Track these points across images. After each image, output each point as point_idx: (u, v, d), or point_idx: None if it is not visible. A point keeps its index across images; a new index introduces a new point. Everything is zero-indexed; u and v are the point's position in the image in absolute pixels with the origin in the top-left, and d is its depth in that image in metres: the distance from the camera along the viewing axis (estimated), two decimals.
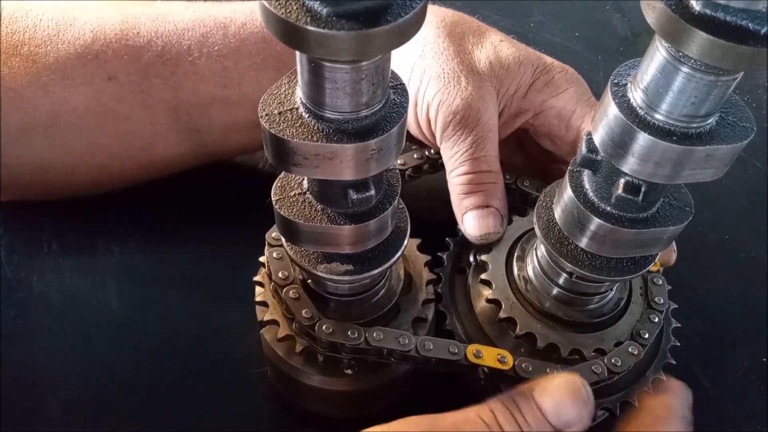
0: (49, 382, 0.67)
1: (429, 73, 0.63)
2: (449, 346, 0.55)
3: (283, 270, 0.57)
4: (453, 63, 0.63)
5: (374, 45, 0.33)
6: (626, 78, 0.42)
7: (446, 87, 0.62)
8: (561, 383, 0.44)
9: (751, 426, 0.68)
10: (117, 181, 0.75)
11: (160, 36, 0.66)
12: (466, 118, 0.61)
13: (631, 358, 0.55)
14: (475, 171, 0.61)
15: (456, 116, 0.61)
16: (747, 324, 0.76)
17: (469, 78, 0.63)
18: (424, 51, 0.65)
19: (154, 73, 0.65)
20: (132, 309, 0.73)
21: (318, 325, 0.54)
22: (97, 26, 0.65)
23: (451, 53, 0.64)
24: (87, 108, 0.65)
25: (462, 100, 0.61)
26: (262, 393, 0.68)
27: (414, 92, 0.64)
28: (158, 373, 0.68)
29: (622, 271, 0.51)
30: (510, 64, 0.65)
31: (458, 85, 0.62)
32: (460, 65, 0.63)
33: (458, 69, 0.63)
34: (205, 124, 0.70)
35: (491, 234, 0.60)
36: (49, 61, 0.64)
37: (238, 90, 0.68)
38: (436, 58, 0.64)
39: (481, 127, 0.61)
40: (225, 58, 0.66)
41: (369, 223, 0.47)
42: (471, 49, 0.66)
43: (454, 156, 0.62)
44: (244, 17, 0.68)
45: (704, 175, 0.42)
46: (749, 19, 0.32)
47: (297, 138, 0.40)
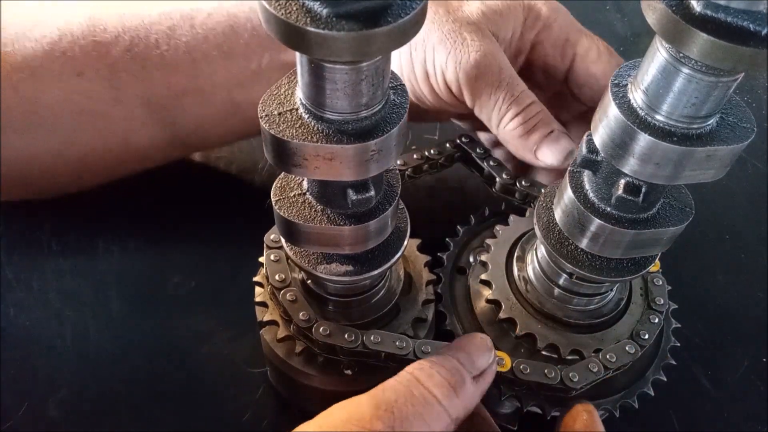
0: (49, 382, 0.67)
1: (430, 41, 0.63)
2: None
3: (280, 273, 0.57)
4: (449, 24, 0.63)
5: (374, 46, 0.33)
6: (626, 79, 0.42)
7: (454, 47, 0.62)
8: (469, 337, 0.50)
9: (751, 426, 0.68)
10: (98, 175, 0.75)
11: (127, 31, 0.66)
12: (487, 68, 0.61)
13: (626, 355, 0.55)
14: (522, 109, 0.61)
15: (477, 71, 0.61)
16: (747, 324, 0.76)
17: (470, 31, 0.62)
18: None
19: (123, 67, 0.65)
20: (132, 309, 0.73)
21: (315, 327, 0.54)
22: (63, 24, 0.65)
23: (442, 15, 0.63)
24: (60, 105, 0.65)
25: (475, 54, 0.61)
26: (262, 393, 0.68)
27: (421, 64, 0.64)
28: (158, 373, 0.68)
29: (622, 271, 0.51)
30: (501, 8, 0.65)
31: (464, 42, 0.62)
32: (456, 23, 0.63)
33: (456, 27, 0.62)
34: (179, 115, 0.70)
35: (570, 152, 0.61)
36: (17, 60, 0.64)
37: (209, 80, 0.68)
38: (430, 25, 0.63)
39: (505, 71, 0.62)
40: (193, 49, 0.66)
41: (369, 223, 0.47)
42: (459, 6, 0.65)
43: (496, 106, 0.62)
44: (210, 8, 0.68)
45: (705, 176, 0.42)
46: (750, 20, 0.32)
47: (297, 139, 0.40)
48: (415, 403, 0.43)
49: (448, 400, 0.44)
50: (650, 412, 0.66)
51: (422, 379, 0.45)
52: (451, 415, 0.44)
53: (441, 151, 0.70)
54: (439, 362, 0.47)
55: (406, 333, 0.57)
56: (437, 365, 0.46)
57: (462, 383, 0.46)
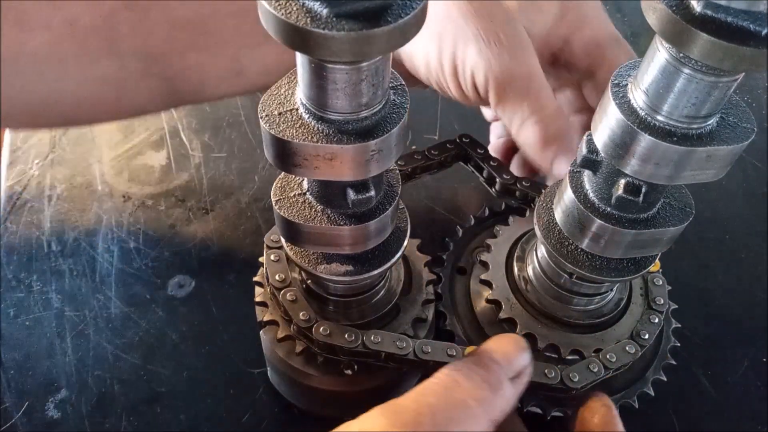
0: (49, 382, 0.67)
1: (463, 36, 0.60)
2: (447, 349, 0.54)
3: (280, 273, 0.57)
4: (485, 20, 0.60)
5: (374, 46, 0.33)
6: (627, 79, 0.42)
7: (488, 48, 0.59)
8: (503, 338, 0.49)
9: (751, 426, 0.68)
10: (92, 120, 0.74)
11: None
12: (518, 77, 0.60)
13: (626, 355, 0.55)
14: (545, 119, 0.60)
15: (508, 78, 0.59)
16: (747, 324, 0.76)
17: (506, 31, 0.60)
18: (449, 12, 0.60)
19: (121, 19, 0.62)
20: (132, 309, 0.73)
21: (315, 327, 0.54)
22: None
23: (478, 8, 0.60)
24: (46, 53, 0.62)
25: (508, 60, 0.59)
26: (262, 393, 0.68)
27: (450, 59, 0.61)
28: (158, 373, 0.68)
29: (623, 271, 0.51)
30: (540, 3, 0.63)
31: (499, 44, 0.59)
32: (493, 19, 0.60)
33: (492, 25, 0.59)
34: (180, 73, 0.66)
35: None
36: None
37: (216, 38, 0.64)
38: (464, 18, 0.60)
39: (535, 79, 0.60)
40: (201, 5, 0.63)
41: (369, 223, 0.47)
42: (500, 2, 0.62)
43: (519, 114, 0.61)
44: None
45: (705, 176, 0.42)
46: (750, 21, 0.32)
47: (297, 139, 0.40)
48: (456, 407, 0.43)
49: (487, 403, 0.44)
50: (650, 412, 0.66)
51: (461, 381, 0.44)
52: (491, 417, 0.43)
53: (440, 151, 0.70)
54: (476, 364, 0.46)
55: (406, 333, 0.57)
56: (475, 367, 0.45)
57: (500, 385, 0.45)
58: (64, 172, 0.85)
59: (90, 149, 0.88)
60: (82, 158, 0.87)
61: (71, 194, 0.83)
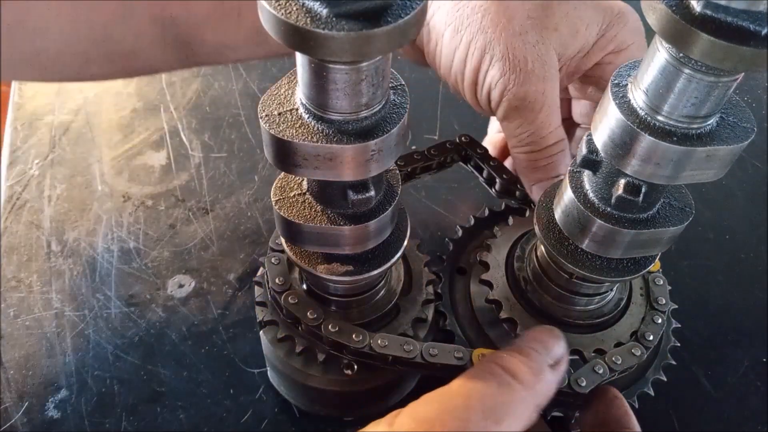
0: (49, 382, 0.67)
1: (491, 53, 0.59)
2: (455, 352, 0.54)
3: (281, 276, 0.57)
4: (517, 42, 0.58)
5: (374, 46, 0.33)
6: (627, 79, 0.42)
7: (512, 71, 0.59)
8: (539, 329, 0.50)
9: (751, 426, 0.68)
10: (97, 78, 0.73)
11: None
12: (531, 103, 0.60)
13: (632, 358, 0.55)
14: (541, 148, 0.61)
15: (521, 103, 0.60)
16: (747, 324, 0.76)
17: (535, 56, 0.59)
18: (484, 26, 0.59)
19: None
20: (132, 309, 0.73)
21: (324, 324, 0.54)
22: None
23: (515, 27, 0.59)
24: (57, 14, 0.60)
25: (527, 87, 0.59)
26: (262, 393, 0.68)
27: (473, 70, 0.61)
28: (158, 373, 0.68)
29: (623, 271, 0.51)
30: (578, 27, 0.61)
31: (524, 71, 0.59)
32: (525, 43, 0.59)
33: (522, 49, 0.58)
34: (197, 40, 0.65)
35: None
36: None
37: (236, 9, 0.63)
38: (498, 37, 0.58)
39: (546, 108, 0.60)
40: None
41: (369, 223, 0.47)
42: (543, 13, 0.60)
43: (518, 136, 0.62)
44: None
45: (705, 176, 0.42)
46: (750, 21, 0.32)
47: (297, 139, 0.40)
48: (503, 392, 0.44)
49: (532, 387, 0.45)
50: (650, 412, 0.66)
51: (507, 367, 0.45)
52: (536, 402, 0.45)
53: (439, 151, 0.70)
54: (518, 352, 0.47)
55: (406, 333, 0.57)
56: (517, 354, 0.46)
57: (542, 371, 0.46)
58: (64, 172, 0.85)
59: (90, 149, 0.88)
60: (82, 158, 0.87)
61: (71, 194, 0.83)
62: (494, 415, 0.42)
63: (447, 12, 0.61)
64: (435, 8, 0.62)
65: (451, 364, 0.54)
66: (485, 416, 0.42)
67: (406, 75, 0.44)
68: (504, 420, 0.42)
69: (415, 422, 0.42)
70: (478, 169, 0.70)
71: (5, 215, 0.80)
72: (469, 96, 0.65)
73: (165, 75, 0.98)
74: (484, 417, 0.42)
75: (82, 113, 0.92)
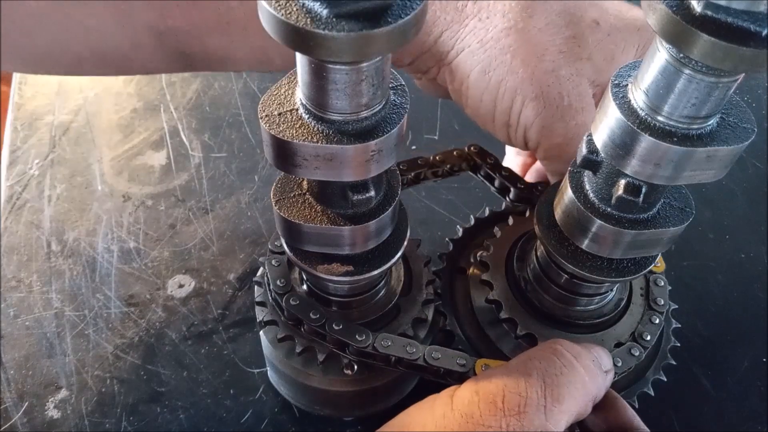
0: (49, 382, 0.67)
1: (523, 93, 0.57)
2: (458, 359, 0.54)
3: (282, 278, 0.57)
4: (551, 77, 0.57)
5: (374, 46, 0.33)
6: (627, 79, 0.42)
7: (548, 109, 0.57)
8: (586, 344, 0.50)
9: (751, 426, 0.68)
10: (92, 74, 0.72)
11: None
12: (572, 138, 0.58)
13: (631, 358, 0.55)
14: None
15: (560, 142, 0.58)
16: (747, 324, 0.76)
17: (570, 91, 0.57)
18: (514, 66, 0.57)
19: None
20: (132, 309, 0.73)
21: (328, 323, 0.54)
22: None
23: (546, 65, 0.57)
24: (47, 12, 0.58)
25: (565, 124, 0.57)
26: (262, 393, 0.68)
27: (505, 112, 0.59)
28: (158, 373, 0.68)
29: (623, 271, 0.51)
30: (614, 53, 0.59)
31: (561, 104, 0.57)
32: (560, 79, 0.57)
33: (558, 84, 0.57)
34: (198, 50, 0.62)
35: None
36: None
37: (241, 27, 0.60)
38: (531, 76, 0.57)
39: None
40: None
41: (369, 224, 0.47)
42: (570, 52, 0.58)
43: (558, 173, 0.61)
44: None
45: (705, 176, 0.42)
46: (750, 21, 0.32)
47: (297, 139, 0.40)
48: (564, 373, 0.45)
49: (590, 376, 0.46)
50: (650, 412, 0.66)
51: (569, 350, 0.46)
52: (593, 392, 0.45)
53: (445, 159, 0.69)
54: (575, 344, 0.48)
55: (406, 333, 0.57)
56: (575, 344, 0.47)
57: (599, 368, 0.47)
58: (64, 172, 0.85)
59: (90, 149, 0.88)
60: (82, 158, 0.87)
61: (71, 194, 0.83)
62: (554, 393, 0.43)
63: (473, 52, 0.58)
64: (459, 49, 0.59)
65: (454, 370, 0.54)
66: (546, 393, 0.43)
67: (405, 75, 0.44)
68: (564, 401, 0.43)
69: (477, 396, 0.43)
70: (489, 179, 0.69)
71: (5, 215, 0.80)
72: (501, 136, 0.63)
73: (165, 75, 0.98)
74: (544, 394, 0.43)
75: (82, 113, 0.92)
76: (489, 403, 0.42)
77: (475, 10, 0.59)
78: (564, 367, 0.45)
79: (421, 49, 0.60)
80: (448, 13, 0.59)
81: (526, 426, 0.41)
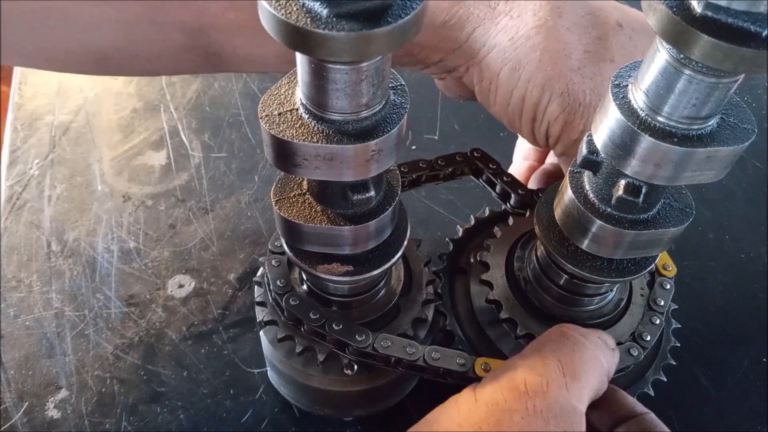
0: (49, 382, 0.67)
1: (550, 89, 0.58)
2: (457, 358, 0.54)
3: (282, 278, 0.57)
4: (576, 75, 0.58)
5: (374, 46, 0.33)
6: (627, 79, 0.42)
7: (571, 107, 0.58)
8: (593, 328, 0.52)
9: (751, 426, 0.68)
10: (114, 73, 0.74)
11: None
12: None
13: (629, 358, 0.55)
14: None
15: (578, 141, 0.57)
16: (747, 324, 0.76)
17: (592, 88, 0.58)
18: (543, 63, 0.58)
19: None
20: (132, 309, 0.73)
21: (328, 323, 0.54)
22: None
23: (572, 63, 0.58)
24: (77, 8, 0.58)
25: (586, 122, 0.58)
26: (262, 393, 0.68)
27: (532, 108, 0.60)
28: (158, 373, 0.68)
29: (623, 272, 0.51)
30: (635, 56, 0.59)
31: (583, 102, 0.58)
32: (584, 77, 0.58)
33: (582, 82, 0.58)
34: (228, 51, 0.63)
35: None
36: None
37: None
38: (558, 73, 0.58)
39: None
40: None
41: (369, 224, 0.47)
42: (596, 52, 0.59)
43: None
44: None
45: (705, 177, 0.42)
46: (750, 22, 0.32)
47: (297, 139, 0.40)
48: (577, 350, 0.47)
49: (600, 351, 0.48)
50: None
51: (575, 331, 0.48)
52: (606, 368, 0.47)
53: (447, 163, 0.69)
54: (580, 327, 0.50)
55: (406, 333, 0.57)
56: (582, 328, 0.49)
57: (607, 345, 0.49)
58: (64, 172, 0.85)
59: (90, 149, 0.88)
60: (82, 158, 0.87)
61: (71, 194, 0.83)
62: (571, 370, 0.45)
63: (503, 50, 0.59)
64: (490, 46, 0.60)
65: (453, 370, 0.54)
66: (564, 372, 0.45)
67: (406, 75, 0.44)
68: (582, 376, 0.45)
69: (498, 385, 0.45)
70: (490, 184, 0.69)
71: (5, 215, 0.80)
72: (526, 131, 0.63)
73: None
74: (562, 373, 0.45)
75: (82, 113, 0.92)
76: (512, 389, 0.44)
77: (507, 8, 0.60)
78: (575, 345, 0.47)
79: (452, 46, 0.61)
80: (480, 10, 0.59)
81: (552, 404, 0.43)
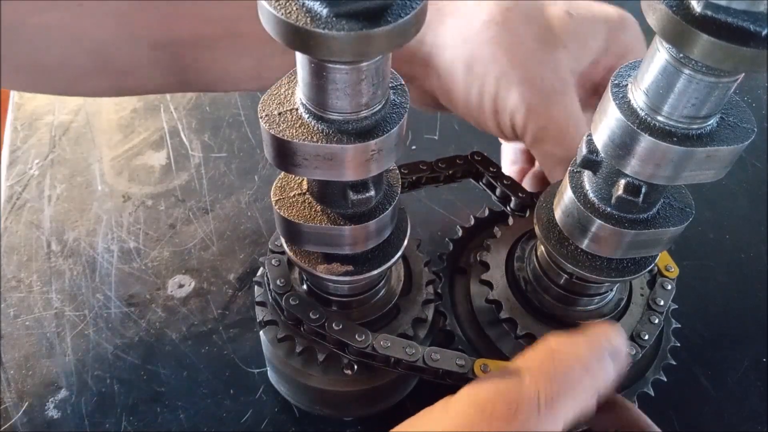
0: (49, 382, 0.67)
1: (506, 80, 0.59)
2: (456, 359, 0.54)
3: (281, 278, 0.57)
4: (531, 64, 0.59)
5: (374, 46, 0.33)
6: (627, 79, 0.42)
7: (531, 91, 0.59)
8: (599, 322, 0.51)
9: (751, 426, 0.68)
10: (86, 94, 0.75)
11: None
12: (555, 123, 0.59)
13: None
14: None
15: (545, 124, 0.59)
16: (747, 324, 0.76)
17: (550, 75, 0.59)
18: (495, 55, 0.59)
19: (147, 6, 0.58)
20: (132, 309, 0.73)
21: (328, 323, 0.54)
22: None
23: (526, 51, 0.59)
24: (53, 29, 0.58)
25: (548, 106, 0.59)
26: (262, 393, 0.68)
27: (491, 100, 0.61)
28: (158, 373, 0.68)
29: (623, 271, 0.51)
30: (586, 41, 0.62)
31: (542, 86, 0.59)
32: (539, 64, 0.59)
33: (538, 69, 0.59)
34: (201, 66, 0.64)
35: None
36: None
37: (243, 40, 0.61)
38: (511, 63, 0.59)
39: (571, 128, 0.60)
40: (237, 5, 0.59)
41: (369, 223, 0.47)
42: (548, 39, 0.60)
43: (549, 159, 0.61)
44: None
45: (705, 176, 0.42)
46: (750, 21, 0.32)
47: (297, 139, 0.40)
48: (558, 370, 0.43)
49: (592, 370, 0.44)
50: (650, 412, 0.66)
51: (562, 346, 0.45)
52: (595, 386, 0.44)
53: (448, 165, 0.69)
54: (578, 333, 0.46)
55: (406, 333, 0.57)
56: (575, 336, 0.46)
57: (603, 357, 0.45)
58: (64, 172, 0.85)
59: (90, 149, 0.88)
60: (82, 158, 0.87)
61: (71, 194, 0.83)
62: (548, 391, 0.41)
63: (456, 48, 0.60)
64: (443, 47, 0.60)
65: (453, 371, 0.54)
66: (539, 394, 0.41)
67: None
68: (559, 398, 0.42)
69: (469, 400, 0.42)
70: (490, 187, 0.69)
71: (5, 215, 0.80)
72: (492, 126, 0.63)
73: None
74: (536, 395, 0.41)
75: (82, 113, 0.92)
76: (480, 411, 0.41)
77: (453, 8, 0.61)
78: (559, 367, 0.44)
79: (406, 56, 0.61)
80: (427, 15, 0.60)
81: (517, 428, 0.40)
